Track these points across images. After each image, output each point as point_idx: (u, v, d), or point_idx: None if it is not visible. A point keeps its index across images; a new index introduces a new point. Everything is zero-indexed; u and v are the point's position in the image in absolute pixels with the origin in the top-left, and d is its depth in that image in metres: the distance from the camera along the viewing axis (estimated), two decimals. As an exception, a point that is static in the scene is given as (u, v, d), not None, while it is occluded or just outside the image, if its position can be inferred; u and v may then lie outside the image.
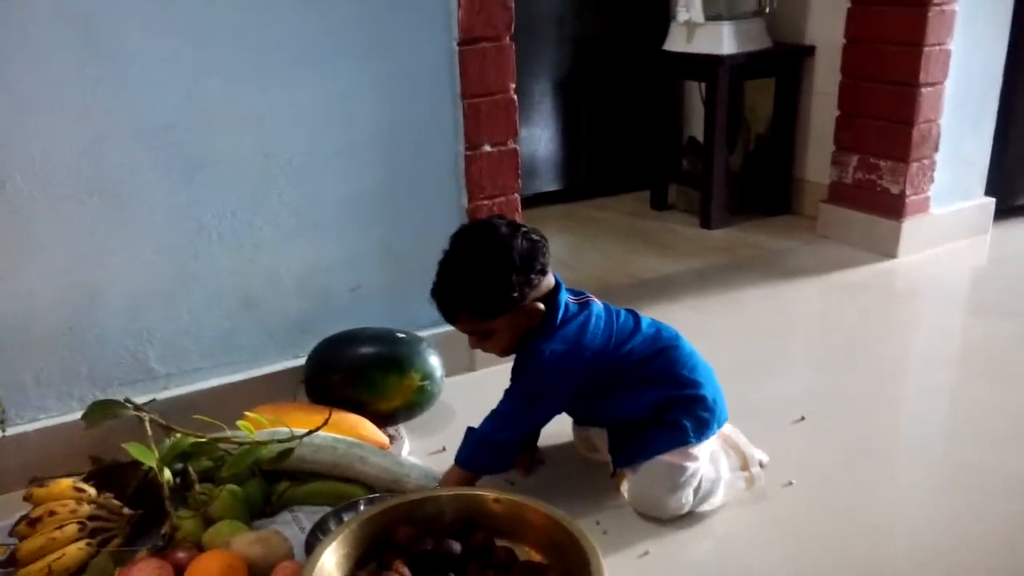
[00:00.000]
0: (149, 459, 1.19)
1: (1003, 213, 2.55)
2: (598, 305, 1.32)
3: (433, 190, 1.64)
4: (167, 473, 1.23)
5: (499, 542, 1.14)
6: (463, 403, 1.63)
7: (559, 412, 1.35)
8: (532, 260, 1.24)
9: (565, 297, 1.30)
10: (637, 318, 1.34)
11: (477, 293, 1.23)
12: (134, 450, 1.19)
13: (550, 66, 2.78)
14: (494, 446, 1.28)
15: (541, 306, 1.26)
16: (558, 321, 1.27)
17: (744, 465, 1.35)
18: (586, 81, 2.85)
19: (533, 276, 1.24)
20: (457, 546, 1.11)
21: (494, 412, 1.30)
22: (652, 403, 1.29)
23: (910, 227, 2.34)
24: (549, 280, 1.28)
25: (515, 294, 1.22)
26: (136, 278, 1.42)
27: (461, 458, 1.28)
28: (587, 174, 2.98)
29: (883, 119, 2.31)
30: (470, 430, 1.30)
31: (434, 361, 1.53)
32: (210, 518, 1.21)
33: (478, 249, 1.24)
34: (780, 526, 1.28)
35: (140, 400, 1.36)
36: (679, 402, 1.29)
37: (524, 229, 1.26)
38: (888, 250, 2.36)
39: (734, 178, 2.73)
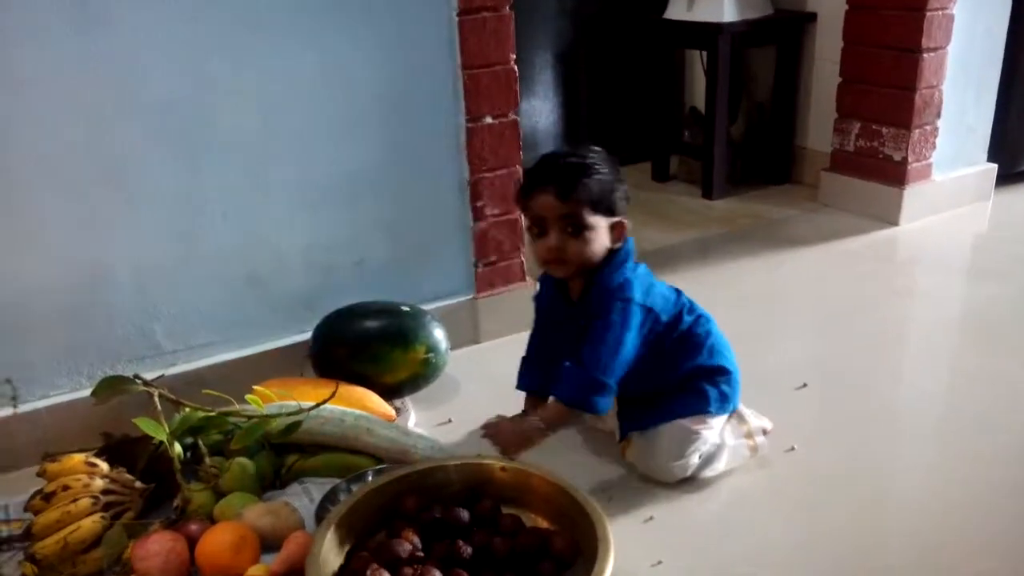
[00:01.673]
0: (159, 433, 1.20)
1: (1005, 179, 2.55)
2: (645, 267, 1.35)
3: (435, 163, 1.64)
4: (177, 447, 1.24)
5: (505, 510, 1.15)
6: (468, 375, 1.64)
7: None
8: (627, 196, 1.30)
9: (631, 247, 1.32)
10: (675, 289, 1.36)
11: (602, 179, 1.24)
12: (144, 425, 1.20)
13: (550, 37, 2.76)
14: (597, 385, 1.23)
15: (628, 224, 1.28)
16: (632, 260, 1.30)
17: (749, 434, 1.36)
18: (586, 52, 2.83)
19: (624, 209, 1.28)
20: (465, 514, 1.13)
21: (589, 350, 1.24)
22: (682, 373, 1.30)
23: (912, 194, 2.34)
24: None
25: (622, 201, 1.27)
26: (141, 255, 1.43)
27: (565, 395, 1.26)
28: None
29: (886, 85, 2.30)
30: (570, 368, 1.25)
31: (439, 334, 1.54)
32: (221, 491, 1.23)
33: (604, 156, 1.28)
34: (782, 491, 1.30)
35: (149, 376, 1.37)
36: (707, 372, 1.31)
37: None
38: (890, 217, 2.36)
39: (736, 148, 2.72)
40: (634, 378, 1.30)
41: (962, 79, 2.31)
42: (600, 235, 1.25)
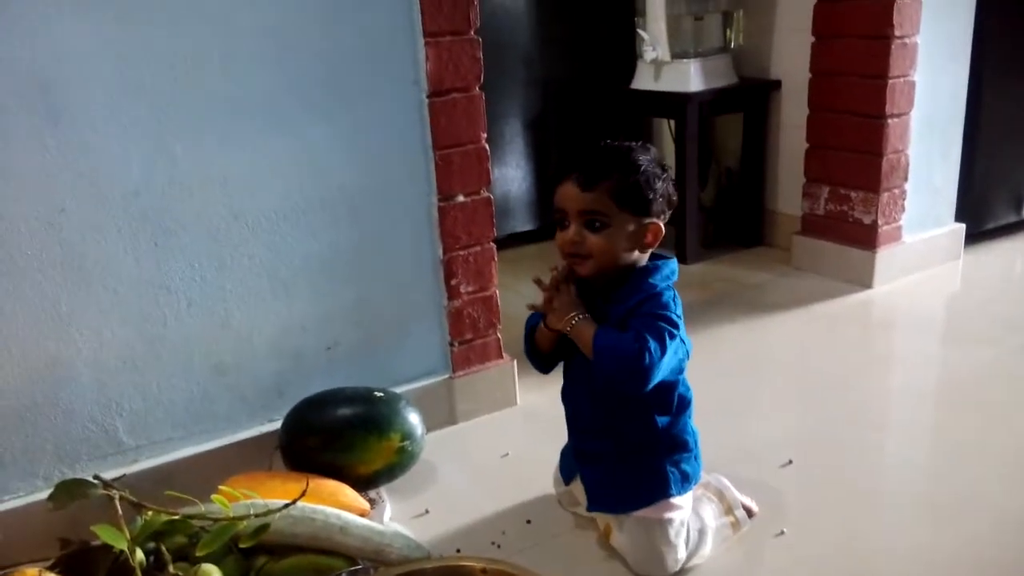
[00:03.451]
0: (120, 542, 1.14)
1: (973, 238, 2.58)
2: None
3: (407, 243, 1.61)
4: (139, 555, 1.17)
5: (488, 614, 1.10)
6: (445, 459, 1.59)
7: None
8: (672, 195, 1.21)
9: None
10: None
11: (632, 174, 1.16)
12: (104, 533, 1.13)
13: (520, 107, 2.78)
14: (629, 363, 1.14)
15: (663, 230, 1.20)
16: (673, 267, 1.23)
17: (728, 509, 1.33)
18: (556, 120, 2.85)
19: (667, 208, 1.21)
20: (445, 621, 1.07)
21: (646, 331, 1.15)
22: (645, 434, 1.25)
23: (884, 256, 2.36)
24: (664, 221, 1.22)
25: (655, 204, 1.18)
26: (103, 349, 1.37)
27: (600, 341, 1.16)
28: (561, 212, 2.97)
29: (852, 150, 2.33)
30: (614, 333, 1.17)
31: (414, 419, 1.49)
32: (186, 601, 1.16)
33: (640, 150, 1.20)
34: (774, 579, 1.26)
35: (110, 475, 1.31)
36: (669, 446, 1.26)
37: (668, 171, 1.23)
38: (863, 280, 2.37)
39: (707, 212, 2.74)
40: (600, 418, 1.27)
41: (927, 142, 2.35)
42: (625, 234, 1.18)
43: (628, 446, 1.26)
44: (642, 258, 1.23)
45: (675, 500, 1.26)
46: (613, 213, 1.17)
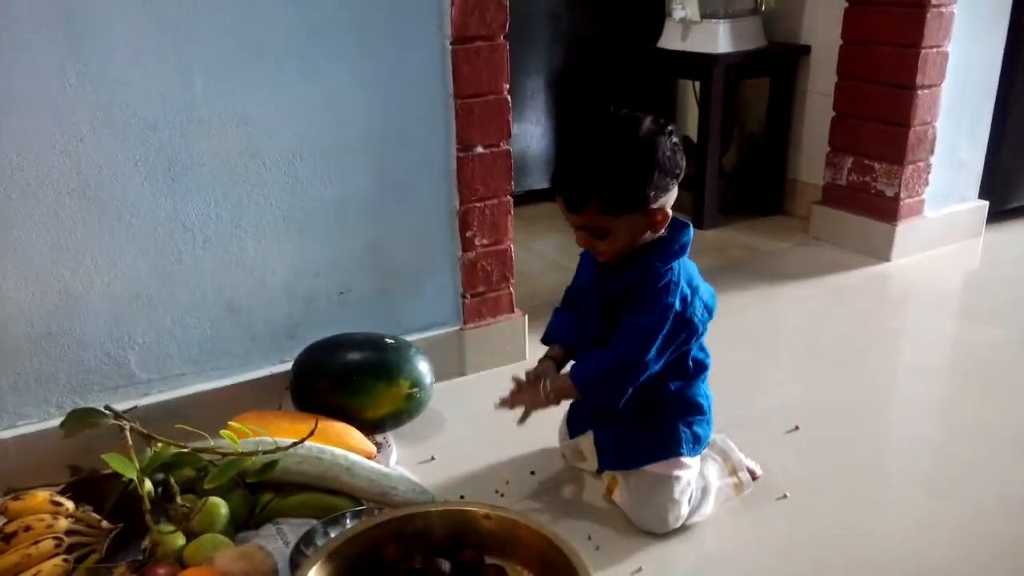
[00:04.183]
0: (129, 471, 1.15)
1: (996, 216, 2.54)
2: None
3: (424, 192, 1.60)
4: (148, 485, 1.19)
5: (489, 560, 1.11)
6: (453, 409, 1.60)
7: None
8: (674, 163, 1.14)
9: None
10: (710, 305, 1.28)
11: (615, 183, 1.12)
12: (114, 462, 1.15)
13: (543, 63, 2.74)
14: (618, 376, 1.19)
15: (669, 211, 1.18)
16: (683, 241, 1.20)
17: (732, 470, 1.33)
18: (579, 78, 2.81)
19: (671, 181, 1.15)
20: (446, 564, 1.08)
21: (621, 344, 1.19)
22: (663, 394, 1.25)
23: (904, 230, 2.33)
24: (675, 192, 1.18)
25: (651, 194, 1.13)
26: (117, 281, 1.38)
27: (580, 378, 1.21)
28: (579, 172, 2.94)
29: (879, 121, 2.29)
30: (594, 355, 1.21)
31: (423, 367, 1.50)
32: (192, 532, 1.17)
33: (622, 138, 1.13)
34: (775, 540, 1.26)
35: (121, 407, 1.33)
36: (684, 408, 1.27)
37: (669, 128, 1.16)
38: (881, 253, 2.34)
39: (727, 178, 2.70)
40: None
41: (956, 116, 2.30)
42: (629, 230, 1.16)
43: (642, 408, 1.26)
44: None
45: (685, 460, 1.27)
46: (606, 221, 1.15)
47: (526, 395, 1.28)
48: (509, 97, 1.61)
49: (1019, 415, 1.59)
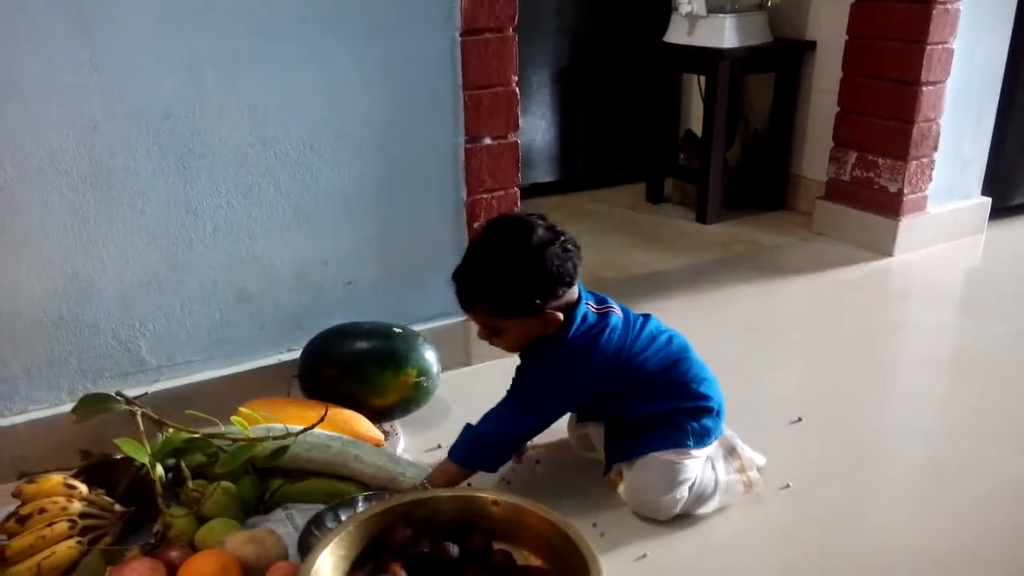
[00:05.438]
0: (141, 455, 1.17)
1: (998, 213, 2.55)
2: (617, 315, 1.28)
3: (432, 183, 1.61)
4: (159, 469, 1.21)
5: (497, 545, 1.12)
6: (459, 399, 1.61)
7: (559, 417, 1.33)
8: (563, 272, 1.20)
9: (584, 310, 1.26)
10: (653, 328, 1.31)
11: (500, 290, 1.20)
12: (126, 446, 1.16)
13: (549, 56, 2.75)
14: (490, 444, 1.27)
15: (560, 316, 1.23)
16: (571, 335, 1.24)
17: (741, 468, 1.34)
18: (584, 72, 2.82)
19: (560, 288, 1.21)
20: (454, 549, 1.10)
21: (494, 410, 1.29)
22: (660, 412, 1.29)
23: (907, 225, 2.34)
24: (573, 291, 1.25)
25: (538, 301, 1.20)
26: (128, 268, 1.39)
27: (456, 454, 1.27)
28: (583, 165, 2.96)
29: (883, 117, 2.30)
30: (468, 427, 1.29)
31: (430, 356, 1.51)
32: (203, 516, 1.19)
33: (512, 247, 1.20)
34: (777, 529, 1.28)
35: (132, 393, 1.34)
36: (690, 407, 1.29)
37: (563, 238, 1.22)
38: (884, 248, 2.35)
39: (731, 173, 2.72)
40: (608, 410, 1.32)
41: (959, 113, 2.32)
42: (521, 331, 1.24)
43: (647, 418, 1.30)
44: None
45: (691, 451, 1.28)
46: (498, 322, 1.23)
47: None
48: (517, 89, 1.62)
49: (1018, 408, 1.61)
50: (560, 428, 1.45)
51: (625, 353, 1.26)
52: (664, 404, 1.28)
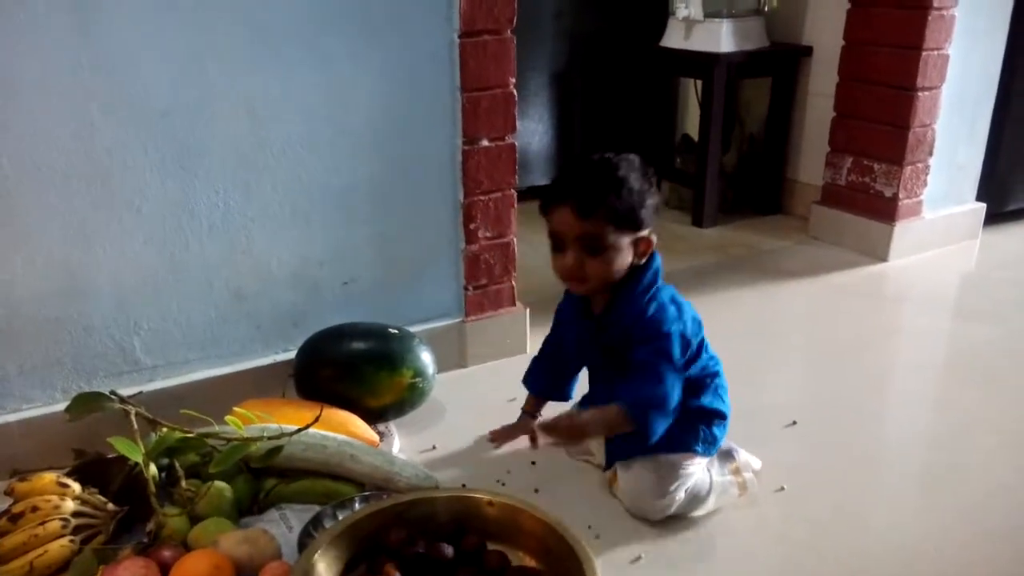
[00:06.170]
0: (135, 454, 1.16)
1: (993, 218, 2.56)
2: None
3: (428, 184, 1.61)
4: (153, 468, 1.20)
5: (492, 546, 1.12)
6: (454, 400, 1.61)
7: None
8: (659, 206, 1.23)
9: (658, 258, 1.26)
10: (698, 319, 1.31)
11: (627, 197, 1.16)
12: (120, 445, 1.16)
13: (546, 59, 2.75)
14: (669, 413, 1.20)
15: (655, 239, 1.22)
16: (660, 278, 1.24)
17: (737, 470, 1.34)
18: (581, 75, 2.82)
19: (654, 216, 1.21)
20: (449, 549, 1.09)
21: (647, 386, 1.20)
22: (684, 407, 1.25)
23: (902, 230, 2.35)
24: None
25: (647, 218, 1.19)
26: (124, 267, 1.39)
27: (652, 424, 1.19)
28: (580, 168, 2.95)
29: (879, 122, 2.31)
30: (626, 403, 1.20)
31: (426, 358, 1.51)
32: (196, 515, 1.18)
33: (638, 166, 1.20)
34: (772, 531, 1.28)
35: (126, 392, 1.33)
36: (704, 413, 1.28)
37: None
38: (879, 253, 2.36)
39: (727, 177, 2.72)
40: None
41: (955, 118, 2.32)
42: (622, 253, 1.19)
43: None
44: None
45: (696, 456, 1.28)
46: (610, 234, 1.17)
47: (562, 434, 1.24)
48: (515, 91, 1.62)
49: (1012, 411, 1.62)
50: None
51: (697, 326, 1.27)
52: (691, 400, 1.26)
